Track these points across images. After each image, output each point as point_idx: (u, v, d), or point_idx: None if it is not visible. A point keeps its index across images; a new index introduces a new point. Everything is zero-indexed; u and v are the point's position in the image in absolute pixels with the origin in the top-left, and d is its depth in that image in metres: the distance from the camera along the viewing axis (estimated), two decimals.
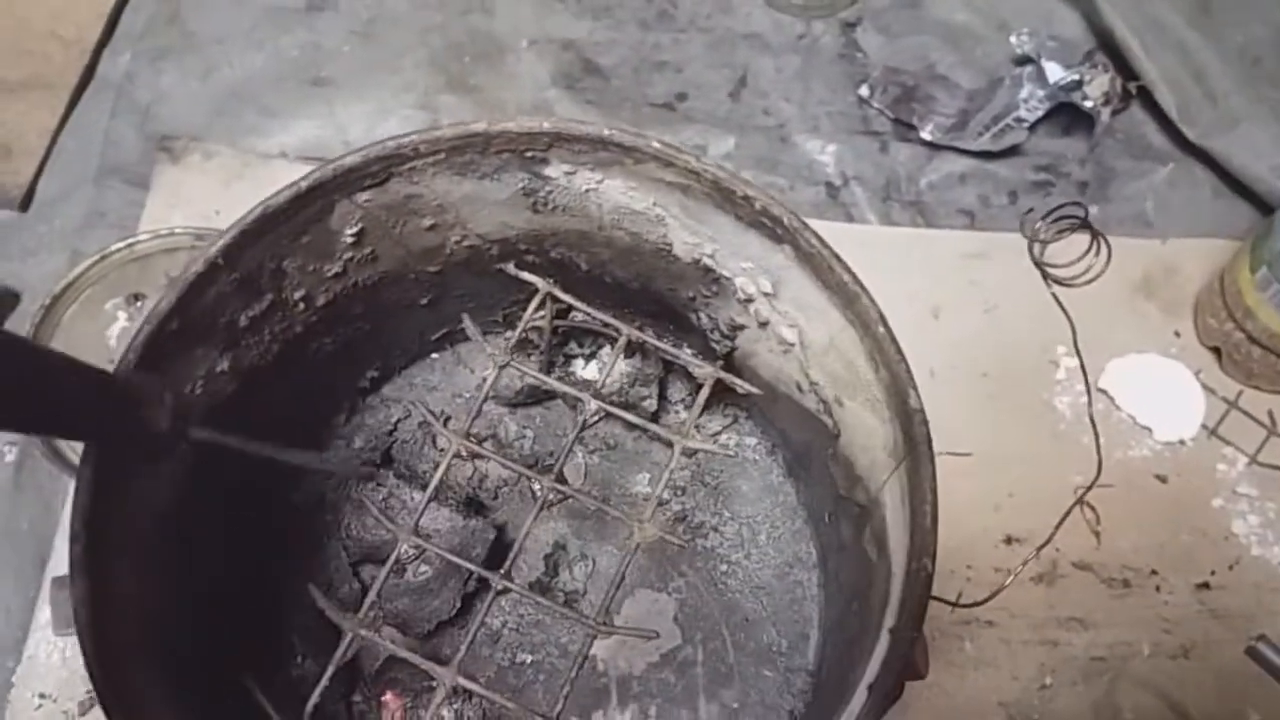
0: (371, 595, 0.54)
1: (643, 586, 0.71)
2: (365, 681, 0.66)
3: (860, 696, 0.51)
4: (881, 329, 0.53)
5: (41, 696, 0.89)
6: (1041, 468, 0.97)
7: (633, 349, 0.71)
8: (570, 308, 0.69)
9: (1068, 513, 0.94)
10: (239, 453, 0.52)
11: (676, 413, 0.76)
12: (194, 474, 0.56)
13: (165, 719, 0.47)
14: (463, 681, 0.52)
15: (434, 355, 0.75)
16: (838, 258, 0.54)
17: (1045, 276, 1.06)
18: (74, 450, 0.95)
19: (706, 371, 0.62)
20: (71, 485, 0.94)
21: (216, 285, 0.55)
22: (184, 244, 1.06)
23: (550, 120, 0.57)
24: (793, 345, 0.61)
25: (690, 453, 0.74)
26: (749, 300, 0.62)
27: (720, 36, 1.27)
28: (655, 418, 0.73)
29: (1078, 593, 0.92)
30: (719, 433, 0.74)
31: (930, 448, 0.53)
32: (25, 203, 1.12)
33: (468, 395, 0.74)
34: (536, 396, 0.74)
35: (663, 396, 0.74)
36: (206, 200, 1.09)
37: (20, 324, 1.01)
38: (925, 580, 0.52)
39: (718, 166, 0.56)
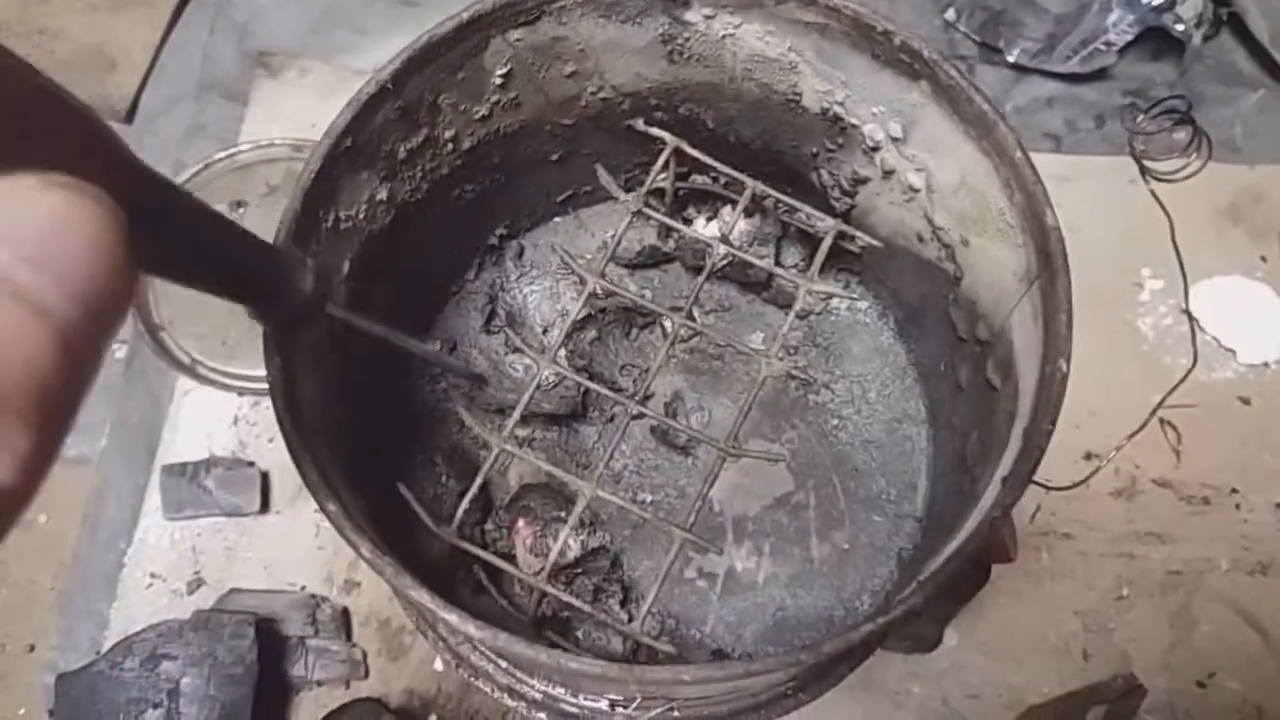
0: (516, 415, 0.56)
1: (756, 436, 0.74)
2: (497, 510, 0.69)
3: (994, 488, 0.52)
4: (1019, 154, 0.54)
5: (152, 576, 0.93)
6: (1124, 387, 0.98)
7: (751, 210, 0.73)
8: (692, 170, 0.71)
9: (1142, 426, 0.95)
10: (365, 330, 0.55)
11: (794, 275, 0.77)
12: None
13: (341, 488, 0.50)
14: (602, 494, 0.54)
15: (557, 219, 0.77)
16: (976, 88, 0.55)
17: (1144, 172, 1.07)
18: (180, 348, 0.99)
19: (827, 224, 0.63)
20: (178, 380, 0.98)
21: (383, 110, 0.57)
22: (282, 155, 1.09)
23: None
24: (918, 191, 0.62)
25: (804, 314, 0.76)
26: (875, 149, 0.63)
27: None
28: (770, 280, 0.75)
29: (1156, 509, 0.94)
30: (830, 297, 0.76)
31: (1066, 261, 0.55)
32: (130, 115, 1.16)
33: (590, 256, 0.76)
34: (655, 258, 0.76)
35: (778, 260, 0.75)
36: (303, 114, 1.12)
37: None
38: (1061, 381, 0.53)
39: (858, 3, 0.57)
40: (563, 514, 0.66)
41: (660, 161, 0.63)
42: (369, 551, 0.45)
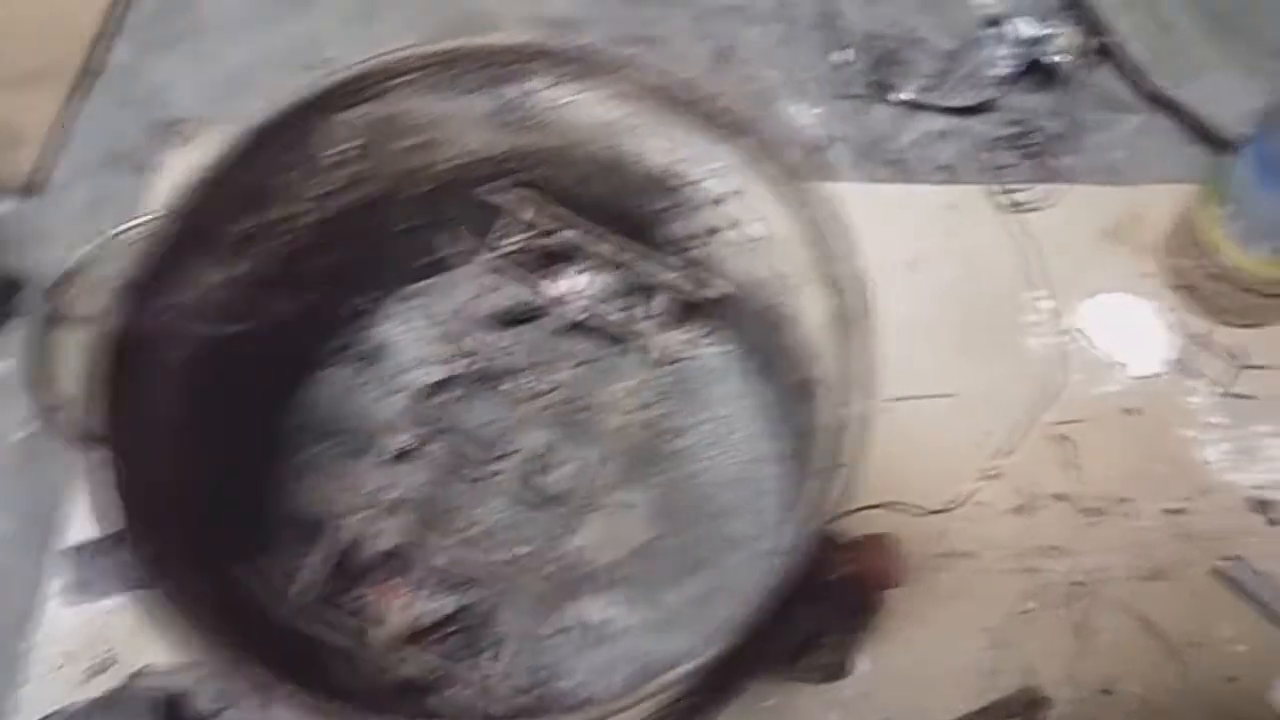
0: (369, 484, 0.56)
1: (622, 485, 0.75)
2: (370, 572, 0.70)
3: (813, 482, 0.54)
4: (827, 210, 0.56)
5: (64, 656, 0.92)
6: (1018, 406, 1.01)
7: (612, 265, 0.75)
8: (553, 227, 0.74)
9: (1008, 454, 0.98)
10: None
11: (652, 326, 0.80)
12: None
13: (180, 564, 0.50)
14: (459, 553, 0.54)
15: (427, 280, 0.79)
16: (789, 147, 0.58)
17: (1007, 206, 1.11)
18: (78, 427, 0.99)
19: (680, 284, 0.65)
20: (79, 461, 0.98)
21: (210, 199, 0.58)
22: None
23: (530, 34, 0.61)
24: (760, 239, 0.65)
25: (667, 362, 0.78)
26: (719, 201, 0.66)
27: (703, 9, 1.31)
28: (631, 332, 0.77)
29: (1055, 522, 0.96)
30: (693, 343, 0.78)
31: (868, 311, 0.56)
32: (35, 190, 1.16)
33: (461, 313, 0.78)
34: (519, 315, 0.78)
35: (638, 310, 0.77)
36: None
37: (29, 309, 1.05)
38: (854, 423, 0.54)
39: (682, 72, 0.59)
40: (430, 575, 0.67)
41: (519, 221, 0.65)
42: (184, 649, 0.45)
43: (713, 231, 0.69)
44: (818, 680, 0.91)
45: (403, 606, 0.66)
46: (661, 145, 0.65)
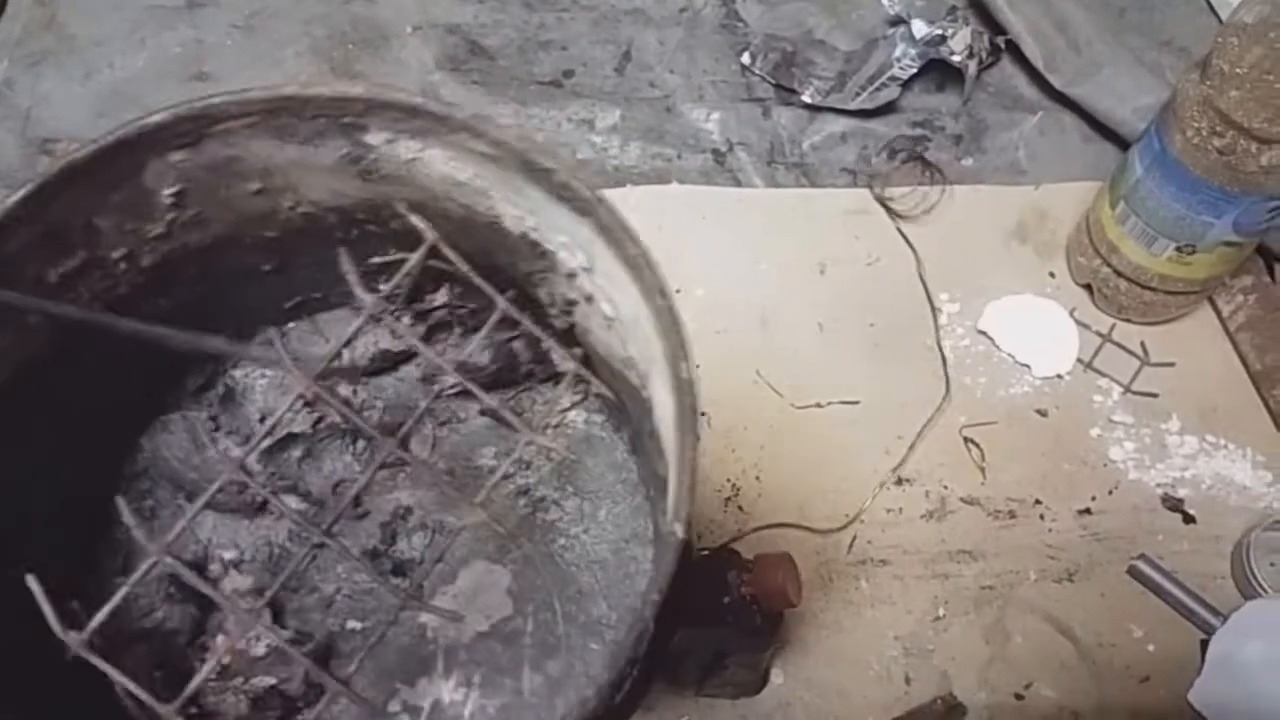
0: (183, 522, 0.52)
1: (479, 557, 0.72)
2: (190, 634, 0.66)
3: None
4: (661, 300, 0.53)
5: None
6: (928, 410, 1.00)
7: (488, 323, 0.72)
8: (438, 282, 0.70)
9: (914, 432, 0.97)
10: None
11: (529, 387, 0.76)
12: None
13: None
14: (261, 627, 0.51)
15: (291, 324, 0.75)
16: (628, 229, 0.54)
17: (890, 213, 1.11)
18: None
19: (553, 351, 0.62)
20: None
21: (19, 237, 0.55)
22: None
23: (362, 85, 0.57)
24: (613, 319, 0.62)
25: (538, 429, 0.75)
26: (573, 275, 0.63)
27: (604, 13, 1.29)
28: (505, 396, 0.74)
29: (966, 526, 0.95)
30: (569, 409, 0.75)
31: (695, 418, 0.52)
32: None
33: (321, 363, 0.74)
34: (387, 365, 0.75)
35: (515, 372, 0.74)
36: None
37: None
38: (675, 545, 0.50)
39: (522, 138, 0.56)
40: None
41: (412, 261, 0.60)
42: None
43: (574, 303, 0.65)
44: (732, 696, 0.89)
45: (230, 659, 0.62)
46: (514, 211, 0.61)
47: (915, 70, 1.16)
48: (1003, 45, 1.21)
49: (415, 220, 0.61)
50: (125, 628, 0.66)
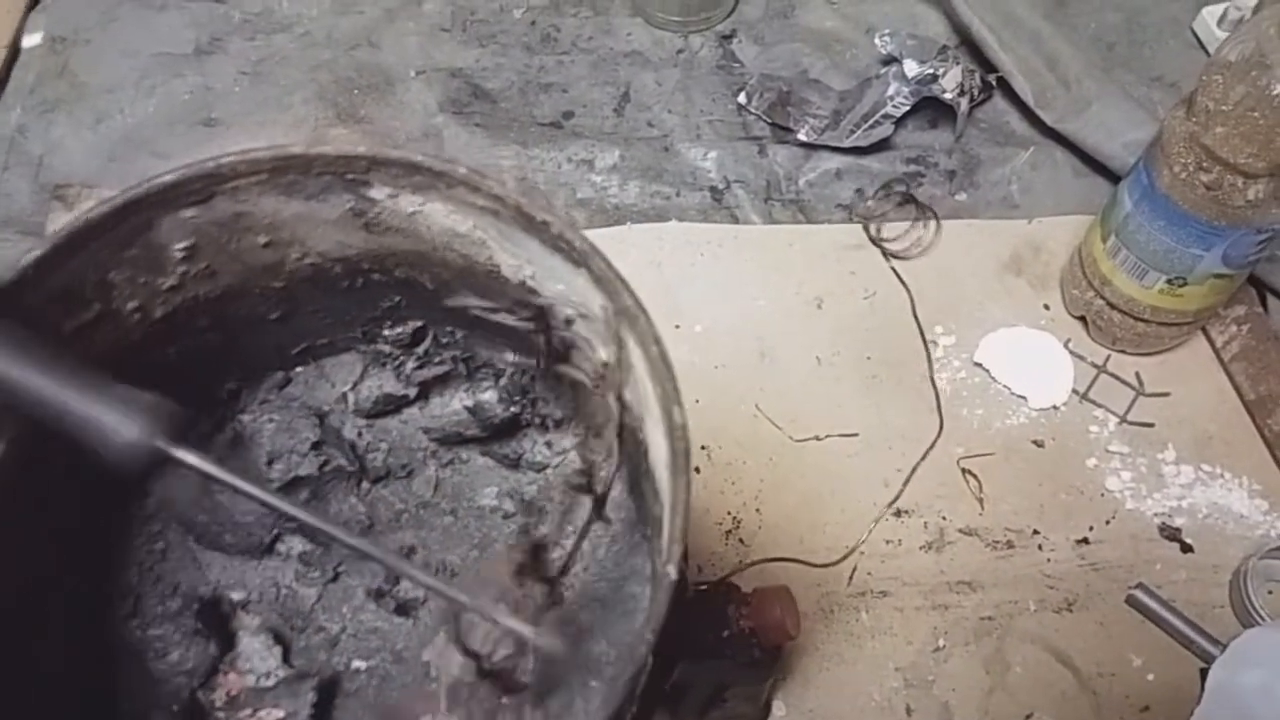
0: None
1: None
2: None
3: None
4: (655, 349, 0.55)
5: None
6: (925, 442, 1.01)
7: (491, 367, 0.74)
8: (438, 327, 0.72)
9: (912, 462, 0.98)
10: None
11: (529, 428, 0.78)
12: None
13: None
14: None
15: (297, 369, 0.77)
16: (622, 281, 0.56)
17: (885, 254, 1.13)
18: None
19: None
20: None
21: (35, 294, 0.56)
22: None
23: (366, 144, 0.59)
24: (610, 365, 0.64)
25: (540, 467, 0.77)
26: (570, 321, 0.65)
27: (603, 56, 1.31)
28: (506, 437, 0.76)
29: (965, 557, 0.96)
30: (569, 450, 0.77)
31: (688, 461, 0.53)
32: None
33: (328, 407, 0.76)
34: (391, 408, 0.76)
35: (518, 415, 0.76)
36: None
37: None
38: (667, 587, 0.51)
39: (519, 191, 0.58)
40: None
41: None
42: None
43: (573, 346, 0.67)
44: None
45: (236, 694, 0.63)
46: (513, 261, 0.63)
47: (908, 108, 1.18)
48: (994, 82, 1.23)
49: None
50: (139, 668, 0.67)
